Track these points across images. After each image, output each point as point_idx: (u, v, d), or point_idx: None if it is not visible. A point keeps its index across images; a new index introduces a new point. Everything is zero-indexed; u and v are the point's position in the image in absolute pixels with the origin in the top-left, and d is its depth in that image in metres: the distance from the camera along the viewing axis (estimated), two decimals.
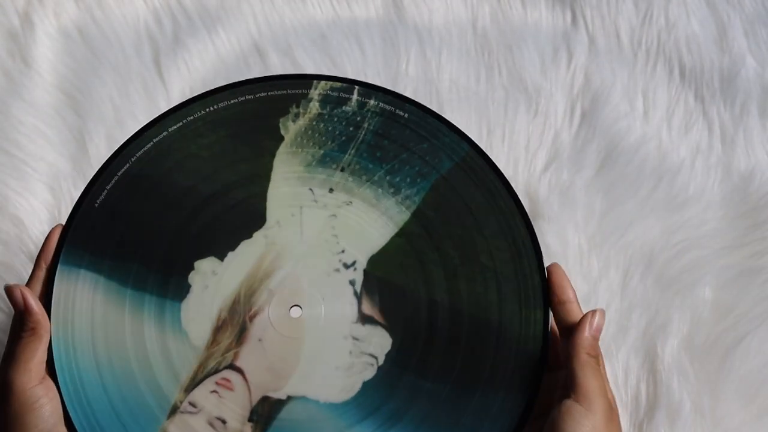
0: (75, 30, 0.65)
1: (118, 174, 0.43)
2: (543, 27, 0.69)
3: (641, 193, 0.61)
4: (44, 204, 0.58)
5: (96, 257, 0.41)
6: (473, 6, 0.69)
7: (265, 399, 0.40)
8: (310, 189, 0.42)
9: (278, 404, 0.40)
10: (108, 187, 0.42)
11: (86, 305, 0.40)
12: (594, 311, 0.40)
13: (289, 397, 0.40)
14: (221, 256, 0.41)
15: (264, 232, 0.42)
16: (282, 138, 0.43)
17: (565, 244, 0.59)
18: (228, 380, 0.40)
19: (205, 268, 0.41)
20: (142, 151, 0.43)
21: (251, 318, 0.41)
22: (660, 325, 0.56)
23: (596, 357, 0.39)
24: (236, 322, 0.41)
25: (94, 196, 0.42)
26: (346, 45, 0.66)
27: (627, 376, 0.55)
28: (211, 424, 0.39)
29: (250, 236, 0.42)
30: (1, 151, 0.60)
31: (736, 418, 0.54)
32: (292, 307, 0.41)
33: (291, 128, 0.43)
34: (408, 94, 0.65)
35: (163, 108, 0.63)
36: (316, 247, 0.42)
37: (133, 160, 0.43)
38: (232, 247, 0.42)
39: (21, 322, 0.38)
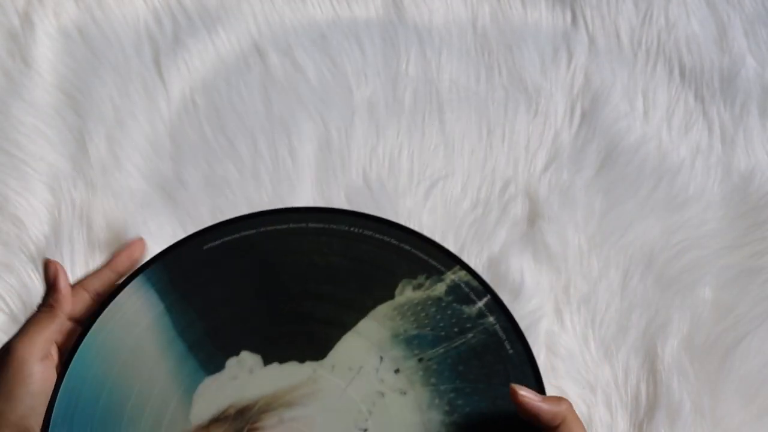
0: (75, 30, 0.65)
1: (242, 234, 0.42)
2: (543, 27, 0.69)
3: (641, 193, 0.61)
4: (44, 204, 0.58)
5: (171, 287, 0.41)
6: (473, 6, 0.69)
7: None
8: (381, 357, 0.41)
9: None
10: (225, 240, 0.42)
11: (131, 319, 0.40)
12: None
13: None
14: (267, 361, 0.41)
15: (315, 367, 0.41)
16: (393, 297, 0.42)
17: (565, 244, 0.59)
18: None
19: (246, 362, 0.41)
20: (274, 227, 0.42)
21: (250, 431, 0.40)
22: (660, 325, 0.56)
23: (567, 411, 0.38)
24: (237, 425, 0.40)
25: (208, 240, 0.42)
26: (346, 45, 0.66)
27: (627, 376, 0.55)
28: None
29: (302, 362, 0.41)
30: (1, 151, 0.60)
31: (736, 418, 0.54)
32: None
33: (406, 294, 0.42)
34: (408, 94, 0.65)
35: (163, 108, 0.63)
36: (347, 410, 0.40)
37: (261, 230, 0.42)
38: (281, 360, 0.41)
39: (46, 296, 0.38)
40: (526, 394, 0.37)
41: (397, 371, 0.41)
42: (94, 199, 0.58)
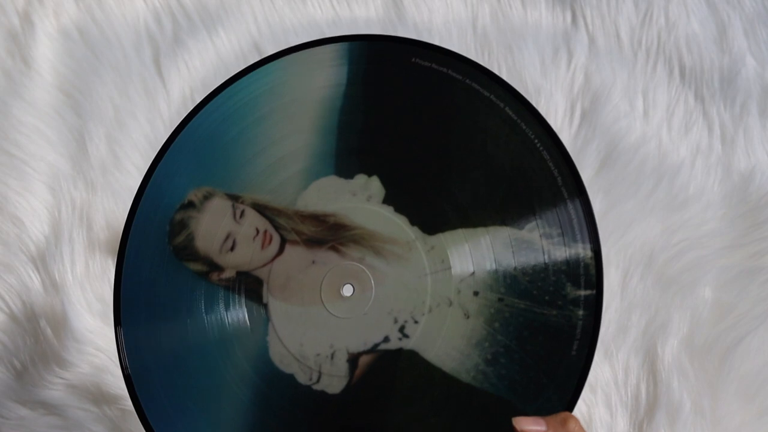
0: (75, 30, 0.65)
1: (449, 72, 0.40)
2: (543, 27, 0.69)
3: (641, 192, 0.61)
4: (44, 204, 0.58)
5: (362, 76, 0.40)
6: (473, 6, 0.69)
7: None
8: (473, 272, 0.39)
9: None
10: (434, 66, 0.40)
11: (308, 70, 0.40)
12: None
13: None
14: (386, 201, 0.40)
15: (419, 236, 0.40)
16: (521, 229, 0.40)
17: None
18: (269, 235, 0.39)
19: (371, 187, 0.40)
20: (473, 84, 0.40)
21: (334, 247, 0.40)
22: (660, 324, 0.56)
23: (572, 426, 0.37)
24: (327, 234, 0.40)
25: (417, 53, 0.40)
26: None
27: (627, 376, 0.55)
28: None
29: (412, 224, 0.40)
30: (1, 151, 0.60)
31: (736, 418, 0.54)
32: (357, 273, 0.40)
33: (533, 235, 0.40)
34: None
35: (163, 108, 0.63)
36: (414, 294, 0.39)
37: (466, 81, 0.40)
38: (397, 209, 0.40)
39: None
40: (527, 428, 0.36)
41: (476, 294, 0.39)
42: (94, 198, 0.58)
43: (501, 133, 0.39)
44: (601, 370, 0.55)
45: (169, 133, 0.40)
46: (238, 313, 0.39)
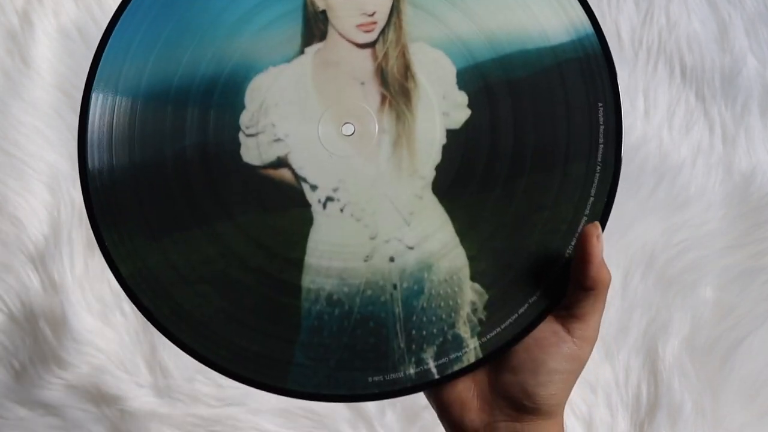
0: (74, 29, 0.65)
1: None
2: None
3: (642, 192, 0.61)
4: (43, 204, 0.58)
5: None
6: None
7: None
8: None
9: None
10: None
11: None
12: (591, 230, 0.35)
13: None
14: None
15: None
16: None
17: None
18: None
19: None
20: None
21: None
22: (661, 325, 0.56)
23: (605, 288, 0.35)
24: (404, 80, 0.36)
25: None
26: None
27: (628, 376, 0.55)
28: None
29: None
30: (0, 151, 0.60)
31: (737, 419, 0.54)
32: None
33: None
34: None
35: None
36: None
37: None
38: None
39: None
40: (598, 244, 0.34)
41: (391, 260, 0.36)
42: None
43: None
44: (602, 371, 0.55)
45: None
46: (286, 24, 0.35)
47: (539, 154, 0.36)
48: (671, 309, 0.57)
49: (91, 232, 0.34)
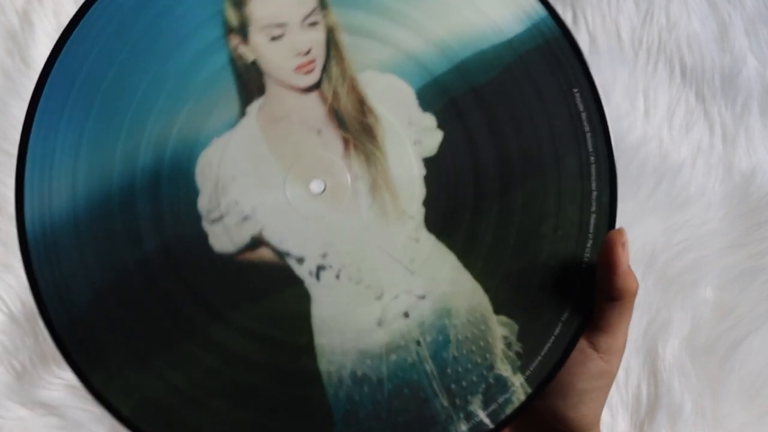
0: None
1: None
2: None
3: (642, 192, 0.61)
4: None
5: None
6: None
7: None
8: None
9: None
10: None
11: None
12: (617, 236, 0.32)
13: None
14: None
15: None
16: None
17: None
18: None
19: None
20: None
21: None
22: (661, 325, 0.56)
23: (632, 297, 0.33)
24: (364, 116, 0.32)
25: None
26: None
27: (628, 377, 0.55)
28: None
29: None
30: (0, 151, 0.60)
31: (737, 419, 0.54)
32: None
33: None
34: None
35: None
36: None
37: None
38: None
39: None
40: (623, 253, 0.31)
41: (406, 315, 0.33)
42: None
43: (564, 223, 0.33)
44: None
45: None
46: (217, 87, 0.31)
47: (526, 159, 0.33)
48: (671, 309, 0.57)
49: (74, 370, 0.30)
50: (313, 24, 0.32)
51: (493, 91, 0.33)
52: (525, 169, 0.33)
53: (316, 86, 0.32)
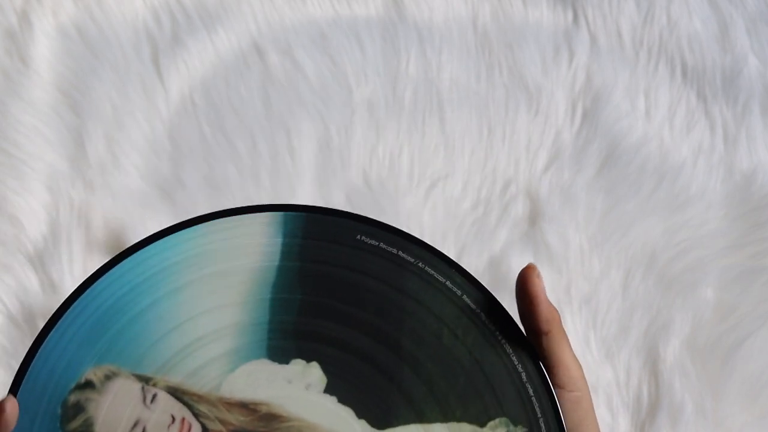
0: (73, 29, 0.65)
1: (399, 253, 0.37)
2: (544, 25, 0.69)
3: (643, 192, 0.61)
4: (42, 204, 0.58)
5: (298, 251, 0.37)
6: (474, 4, 0.69)
7: None
8: None
9: None
10: (382, 246, 0.37)
11: (239, 244, 0.36)
12: (529, 271, 0.34)
13: None
14: (328, 390, 0.37)
15: None
16: (482, 426, 0.36)
17: (566, 243, 0.58)
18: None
19: (310, 376, 0.37)
20: (428, 268, 0.37)
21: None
22: (662, 325, 0.56)
23: (559, 324, 0.35)
24: (258, 425, 0.35)
25: (363, 232, 0.37)
26: (346, 44, 0.66)
27: (629, 377, 0.55)
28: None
29: (359, 417, 0.36)
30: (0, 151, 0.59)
31: (738, 419, 0.53)
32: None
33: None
34: (408, 93, 0.65)
35: (162, 108, 0.62)
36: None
37: (419, 263, 0.37)
38: (341, 399, 0.36)
39: None
40: (540, 282, 0.33)
41: None
42: (93, 199, 0.58)
43: (458, 324, 0.36)
44: (602, 371, 0.55)
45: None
46: None
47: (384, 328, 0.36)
48: (672, 309, 0.57)
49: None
50: (154, 397, 0.35)
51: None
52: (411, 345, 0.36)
53: (206, 431, 0.35)
